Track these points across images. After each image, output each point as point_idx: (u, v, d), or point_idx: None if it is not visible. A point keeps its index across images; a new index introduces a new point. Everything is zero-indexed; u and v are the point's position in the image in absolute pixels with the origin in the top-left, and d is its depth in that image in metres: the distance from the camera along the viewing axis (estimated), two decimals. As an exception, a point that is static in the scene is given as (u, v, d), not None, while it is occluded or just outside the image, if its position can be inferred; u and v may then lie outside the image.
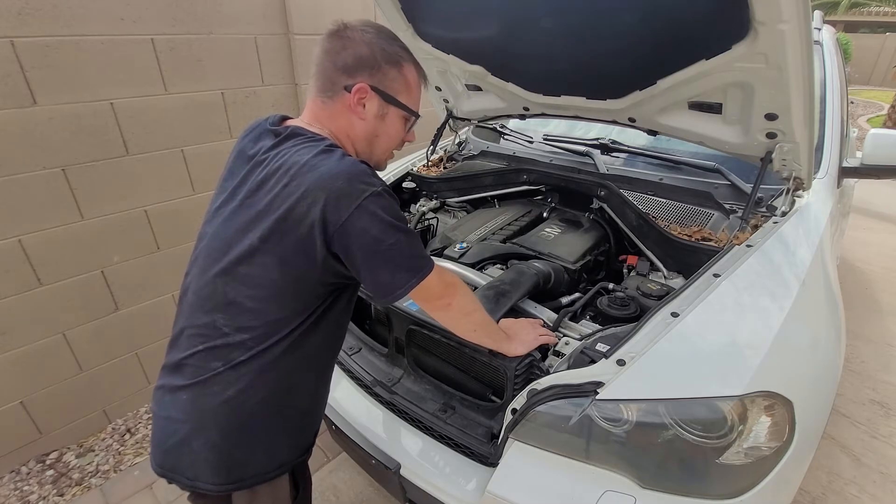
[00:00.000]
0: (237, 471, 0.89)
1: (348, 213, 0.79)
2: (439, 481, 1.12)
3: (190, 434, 0.87)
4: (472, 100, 2.04)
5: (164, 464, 0.91)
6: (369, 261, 0.83)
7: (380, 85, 0.93)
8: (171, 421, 0.89)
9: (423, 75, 1.02)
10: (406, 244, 0.84)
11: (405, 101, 0.97)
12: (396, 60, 0.94)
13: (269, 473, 0.92)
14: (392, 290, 0.85)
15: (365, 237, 0.81)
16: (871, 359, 2.58)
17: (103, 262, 1.93)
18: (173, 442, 0.89)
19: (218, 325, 0.87)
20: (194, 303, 0.91)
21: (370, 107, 0.94)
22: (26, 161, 1.66)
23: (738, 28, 1.10)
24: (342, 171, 0.81)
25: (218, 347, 0.86)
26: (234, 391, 0.86)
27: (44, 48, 1.62)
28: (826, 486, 1.83)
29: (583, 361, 1.01)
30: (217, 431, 0.87)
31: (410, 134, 1.05)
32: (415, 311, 1.27)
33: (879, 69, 16.38)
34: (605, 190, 1.62)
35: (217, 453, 0.87)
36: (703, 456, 0.90)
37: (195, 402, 0.87)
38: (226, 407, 0.86)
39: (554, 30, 1.37)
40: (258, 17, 2.16)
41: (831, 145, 1.73)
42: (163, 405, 0.91)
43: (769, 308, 1.07)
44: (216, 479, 0.88)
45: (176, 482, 0.91)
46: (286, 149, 0.88)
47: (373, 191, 0.81)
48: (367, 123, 0.95)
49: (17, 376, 1.81)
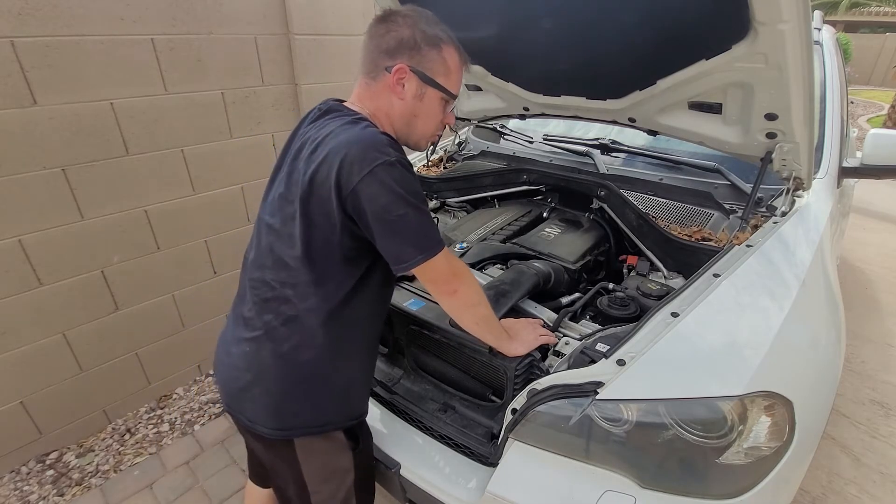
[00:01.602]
0: (289, 419, 0.97)
1: (359, 177, 0.83)
2: (439, 481, 1.12)
3: (251, 382, 0.97)
4: (472, 100, 2.04)
5: (231, 404, 1.02)
6: (378, 228, 0.86)
7: (419, 66, 0.96)
8: (236, 369, 0.99)
9: (466, 59, 1.04)
10: (415, 219, 0.87)
11: (443, 82, 0.99)
12: (436, 42, 0.97)
13: (316, 427, 0.99)
14: (400, 260, 0.89)
15: (374, 204, 0.84)
16: (871, 359, 2.58)
17: (103, 262, 1.93)
18: (237, 387, 0.99)
19: (267, 279, 0.96)
20: (254, 260, 1.01)
21: (409, 87, 0.97)
22: (26, 161, 1.66)
23: (738, 28, 1.10)
24: (359, 139, 0.86)
25: (269, 301, 0.96)
26: (288, 347, 0.94)
27: (44, 48, 1.62)
28: (826, 486, 1.83)
29: (583, 361, 1.01)
30: (273, 382, 0.96)
31: (449, 116, 1.07)
32: (415, 311, 1.27)
33: (879, 69, 16.38)
34: (605, 190, 1.62)
35: (273, 400, 0.96)
36: (703, 456, 0.90)
37: (256, 355, 0.96)
38: (281, 361, 0.95)
39: (554, 30, 1.37)
40: (258, 17, 2.16)
41: (831, 145, 1.73)
42: (229, 353, 1.02)
43: (769, 308, 1.07)
44: (271, 424, 0.97)
45: (238, 421, 1.02)
46: (321, 122, 0.97)
47: (385, 160, 0.84)
48: (406, 104, 0.99)
49: (17, 376, 1.81)
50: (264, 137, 2.34)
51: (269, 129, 2.35)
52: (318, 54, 2.39)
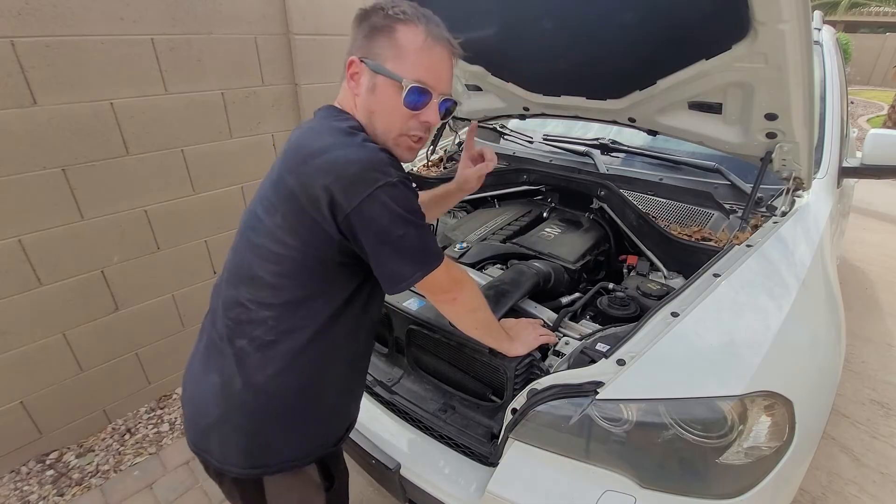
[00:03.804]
0: (262, 456, 0.90)
1: (359, 200, 0.77)
2: (439, 481, 1.12)
3: (220, 419, 0.89)
4: (472, 100, 2.04)
5: (198, 443, 0.93)
6: (376, 250, 0.82)
7: (368, 55, 0.86)
8: (204, 403, 0.91)
9: (439, 38, 0.87)
10: (415, 237, 0.83)
11: (393, 67, 0.84)
12: (388, 23, 0.84)
13: (293, 461, 0.92)
14: (397, 280, 0.84)
15: (373, 226, 0.79)
16: (871, 359, 2.58)
17: (103, 262, 1.93)
18: (205, 424, 0.91)
19: (242, 299, 0.88)
20: (227, 277, 0.93)
21: (363, 80, 0.88)
22: (26, 161, 1.66)
23: (738, 28, 1.10)
24: (359, 158, 0.79)
25: (243, 324, 0.87)
26: (263, 377, 0.86)
27: (44, 48, 1.62)
28: (826, 486, 1.83)
29: (583, 361, 1.01)
30: (245, 417, 0.88)
31: (425, 112, 0.89)
32: (415, 310, 1.27)
33: (879, 69, 16.38)
34: (605, 190, 1.62)
35: (244, 436, 0.88)
36: (703, 456, 0.90)
37: (226, 387, 0.88)
38: (254, 393, 0.87)
39: (554, 30, 1.37)
40: (258, 17, 2.16)
41: (831, 145, 1.73)
42: (197, 381, 0.93)
43: (769, 308, 1.07)
44: (242, 463, 0.89)
45: (206, 462, 0.93)
46: (315, 127, 0.88)
47: (387, 181, 0.79)
48: (362, 99, 0.88)
49: (17, 376, 1.81)
50: (264, 137, 2.34)
51: (269, 129, 2.35)
52: (318, 54, 2.39)
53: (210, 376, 0.90)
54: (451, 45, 0.89)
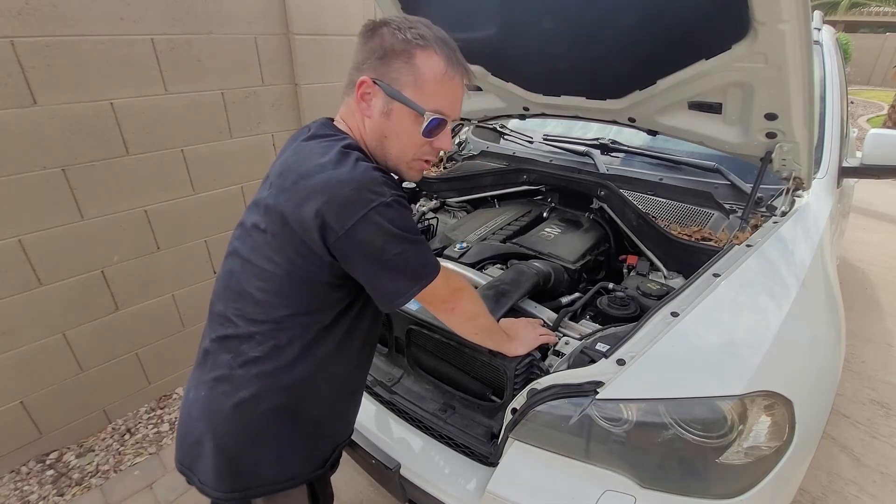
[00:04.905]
0: (245, 478, 0.88)
1: (352, 222, 0.75)
2: (439, 481, 1.12)
3: (204, 434, 0.87)
4: (472, 100, 2.04)
5: (184, 461, 0.92)
6: (370, 270, 0.80)
7: (384, 77, 0.83)
8: (191, 417, 0.90)
9: (459, 66, 0.85)
10: (412, 253, 0.81)
11: (411, 95, 0.83)
12: (406, 48, 0.82)
13: (278, 484, 0.90)
14: (394, 297, 0.83)
15: (368, 247, 0.78)
16: (871, 359, 2.58)
17: (103, 262, 1.93)
18: (191, 440, 0.89)
19: (229, 314, 0.87)
20: (218, 291, 0.92)
21: (376, 102, 0.85)
22: (26, 161, 1.66)
23: (738, 28, 1.10)
24: (351, 179, 0.77)
25: (229, 338, 0.87)
26: (248, 394, 0.85)
27: (44, 48, 1.62)
28: (826, 486, 1.83)
29: (583, 361, 1.01)
30: (228, 436, 0.86)
31: (440, 139, 0.89)
32: (414, 310, 1.27)
33: (879, 69, 16.38)
34: (605, 190, 1.62)
35: (226, 457, 0.86)
36: (703, 456, 0.90)
37: (210, 401, 0.87)
38: (238, 410, 0.85)
39: (554, 30, 1.37)
40: (258, 17, 2.16)
41: (831, 145, 1.73)
42: (188, 399, 0.92)
43: (769, 308, 1.07)
44: (223, 486, 0.87)
45: (191, 482, 0.91)
46: (308, 145, 0.85)
47: (381, 201, 0.77)
48: (374, 121, 0.87)
49: (17, 376, 1.81)
50: (264, 137, 2.34)
51: (269, 129, 2.35)
52: (318, 54, 2.39)
53: (198, 389, 0.90)
54: (467, 72, 0.88)
